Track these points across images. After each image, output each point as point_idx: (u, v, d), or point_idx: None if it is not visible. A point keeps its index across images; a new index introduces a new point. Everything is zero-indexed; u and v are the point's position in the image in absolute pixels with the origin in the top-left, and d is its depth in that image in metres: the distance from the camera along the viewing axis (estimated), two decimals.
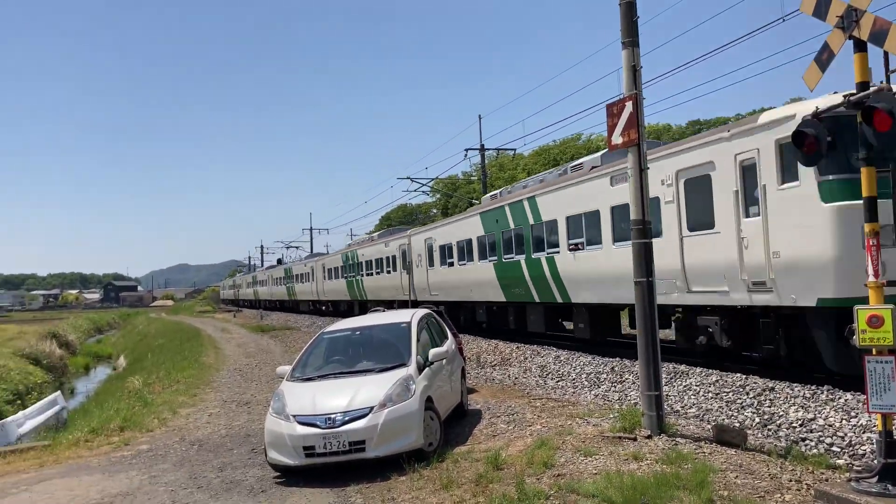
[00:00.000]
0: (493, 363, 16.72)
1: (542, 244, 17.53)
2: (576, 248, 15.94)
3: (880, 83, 6.30)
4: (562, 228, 16.51)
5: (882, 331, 6.04)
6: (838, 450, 8.13)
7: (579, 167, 16.91)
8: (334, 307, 43.25)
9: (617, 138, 8.87)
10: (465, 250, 22.37)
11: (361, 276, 34.52)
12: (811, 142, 6.71)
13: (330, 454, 7.87)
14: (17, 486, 8.67)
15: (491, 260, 20.45)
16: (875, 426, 6.52)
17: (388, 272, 30.27)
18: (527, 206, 18.20)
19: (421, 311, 10.98)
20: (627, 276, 13.48)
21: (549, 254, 17.13)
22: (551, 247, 17.04)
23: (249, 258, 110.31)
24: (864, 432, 8.23)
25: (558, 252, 16.69)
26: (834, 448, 8.19)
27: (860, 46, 6.37)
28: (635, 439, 8.22)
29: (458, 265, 23.00)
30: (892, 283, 6.89)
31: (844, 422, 8.62)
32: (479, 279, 21.28)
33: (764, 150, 10.56)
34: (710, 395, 10.72)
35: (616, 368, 13.31)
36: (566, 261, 16.36)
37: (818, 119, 6.78)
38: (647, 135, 10.67)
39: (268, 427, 8.35)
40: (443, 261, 24.27)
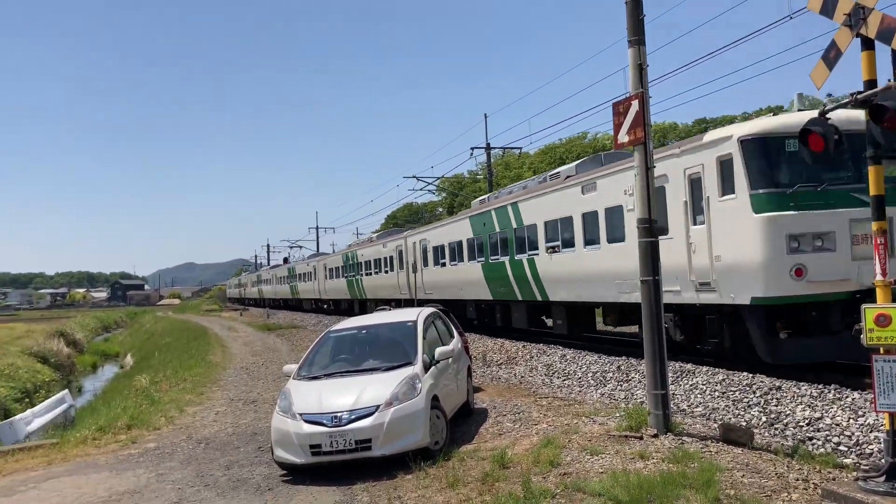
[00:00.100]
0: (499, 362, 16.72)
1: (523, 246, 18.52)
2: (553, 251, 17.00)
3: (888, 81, 6.27)
4: (541, 232, 17.57)
5: (890, 330, 6.02)
6: (846, 449, 8.12)
7: (557, 176, 18.07)
8: (335, 306, 43.99)
9: (623, 137, 8.85)
10: (456, 251, 23.32)
11: (361, 275, 35.38)
12: (817, 140, 6.69)
13: (336, 452, 7.90)
14: (26, 484, 8.72)
15: (479, 261, 21.42)
16: (883, 425, 6.50)
17: (386, 272, 31.20)
18: (510, 211, 19.22)
19: (427, 310, 10.96)
20: (597, 276, 15.01)
21: (529, 255, 18.15)
22: (532, 249, 18.04)
23: (256, 257, 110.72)
24: (871, 431, 8.21)
25: (538, 254, 17.73)
26: (841, 447, 8.17)
27: (868, 44, 6.35)
28: (641, 438, 8.21)
29: (450, 265, 23.93)
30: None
31: (852, 421, 8.60)
32: (468, 279, 22.20)
33: (707, 165, 11.65)
34: (717, 393, 10.70)
35: (622, 367, 13.30)
36: (545, 262, 17.41)
37: (824, 118, 6.76)
38: (653, 133, 10.68)
39: (274, 425, 8.37)
40: (436, 261, 25.17)
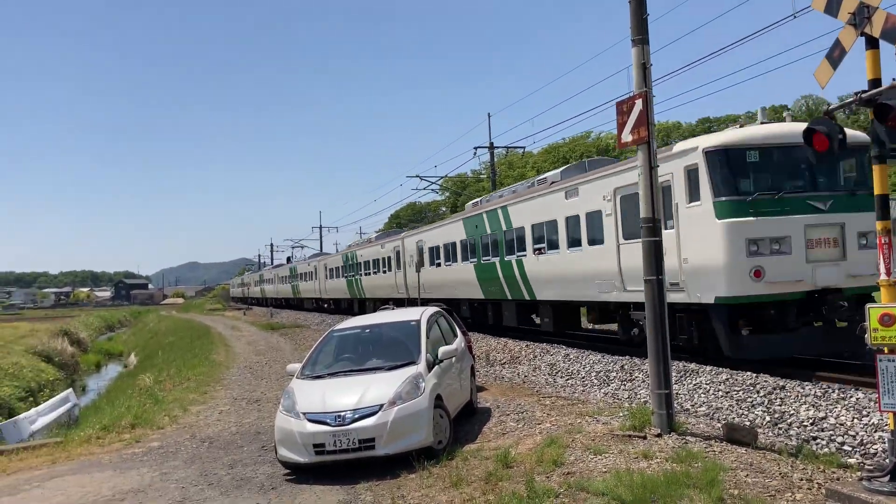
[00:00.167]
0: (503, 361, 16.71)
1: (512, 248, 19.32)
2: (539, 252, 17.83)
3: (893, 80, 6.26)
4: (528, 235, 18.37)
5: (894, 329, 6.00)
6: (850, 449, 8.11)
7: (544, 181, 18.90)
8: (335, 305, 44.68)
9: (627, 136, 8.83)
10: (451, 252, 24.08)
11: (360, 275, 36.11)
12: (822, 139, 6.67)
13: (340, 452, 7.90)
14: (30, 483, 8.74)
15: (472, 261, 22.22)
16: (887, 425, 6.48)
17: (385, 272, 31.91)
18: (500, 214, 20.08)
19: (431, 309, 10.95)
20: (579, 276, 15.94)
21: (518, 257, 18.96)
22: (520, 250, 18.85)
23: (259, 256, 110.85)
24: (875, 431, 8.20)
25: (526, 255, 18.54)
26: (845, 447, 8.16)
27: (872, 43, 6.33)
28: (645, 438, 8.20)
29: (445, 266, 24.62)
30: None
31: (856, 420, 8.58)
32: (462, 279, 22.98)
33: (676, 174, 12.43)
34: (721, 393, 10.68)
35: (626, 367, 13.28)
36: (532, 263, 18.23)
37: (830, 117, 6.75)
38: (657, 133, 10.70)
39: (278, 424, 8.38)
40: (432, 261, 25.84)
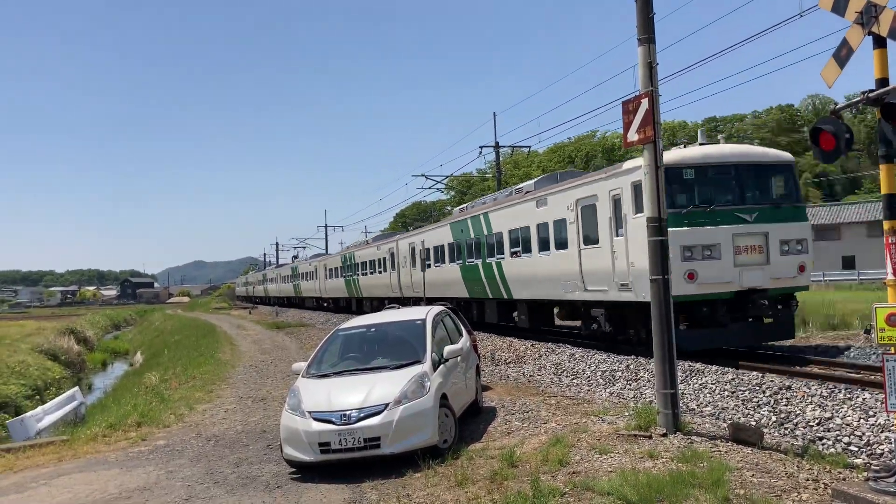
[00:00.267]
0: (508, 360, 16.72)
1: (493, 251, 20.92)
2: (515, 255, 19.38)
3: None
4: (506, 239, 19.96)
5: None
6: (856, 449, 8.09)
7: (520, 190, 20.47)
8: (335, 304, 45.97)
9: (633, 135, 8.81)
10: (440, 254, 25.57)
11: (358, 275, 37.48)
12: (828, 139, 6.65)
13: (345, 450, 7.91)
14: (37, 481, 8.77)
15: (458, 263, 23.78)
16: (893, 425, 6.47)
17: (380, 272, 33.26)
18: (482, 220, 21.68)
19: (436, 308, 10.96)
20: (548, 277, 17.46)
21: (497, 259, 20.54)
22: (499, 253, 20.42)
23: (265, 255, 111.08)
24: (882, 431, 8.17)
25: (504, 258, 20.10)
26: (851, 447, 8.14)
27: (879, 42, 6.31)
28: (650, 437, 8.19)
29: (435, 266, 26.09)
30: None
31: (862, 421, 8.56)
32: (450, 279, 24.46)
33: (625, 188, 14.06)
34: (726, 393, 10.67)
35: (631, 366, 13.27)
36: (509, 265, 19.79)
37: (837, 116, 6.73)
38: (663, 132, 10.68)
39: (283, 423, 8.39)
40: (423, 263, 27.10)
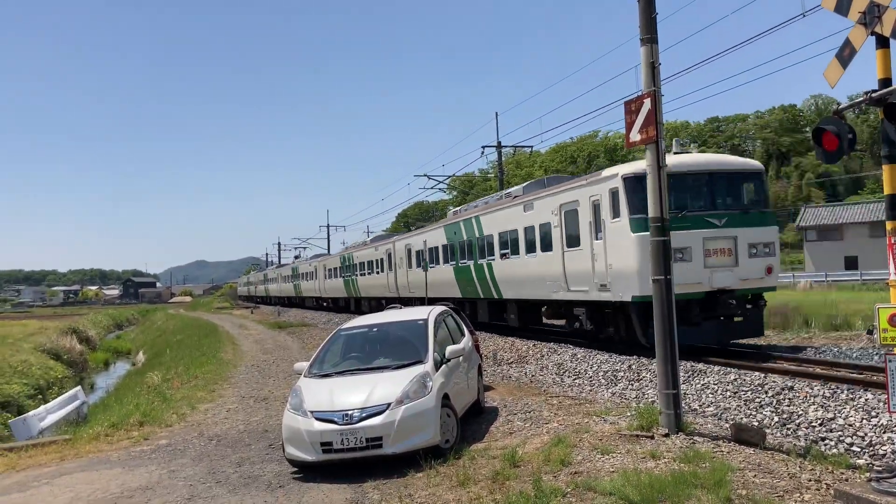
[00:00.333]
0: (510, 360, 16.72)
1: (484, 253, 21.69)
2: (505, 257, 20.17)
3: None
4: (496, 241, 20.74)
5: None
6: (858, 450, 8.08)
7: (509, 195, 21.27)
8: (334, 303, 46.85)
9: (635, 135, 8.81)
10: (434, 255, 26.29)
11: (356, 275, 38.39)
12: (831, 139, 6.64)
13: (347, 450, 7.91)
14: (39, 480, 8.78)
15: (451, 264, 24.49)
16: None
17: (378, 273, 34.25)
18: (474, 223, 22.47)
19: (438, 309, 10.96)
20: (535, 278, 18.22)
21: (488, 261, 21.31)
22: (490, 255, 21.20)
23: (267, 255, 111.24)
24: (884, 432, 8.17)
25: (494, 259, 20.89)
26: (854, 448, 8.13)
27: (882, 42, 6.31)
28: (653, 438, 8.19)
29: (430, 267, 26.62)
30: None
31: (865, 421, 8.55)
32: (443, 279, 25.15)
33: (603, 195, 14.84)
34: (729, 393, 10.66)
35: (633, 366, 13.27)
36: (499, 266, 20.59)
37: (840, 116, 6.72)
38: (666, 132, 10.67)
39: (285, 423, 8.39)
40: (418, 263, 27.94)
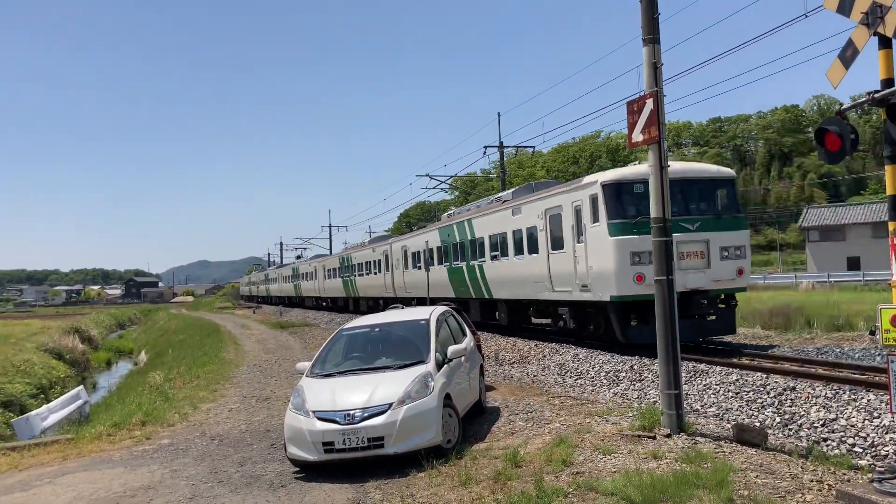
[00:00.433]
0: (512, 361, 16.71)
1: (475, 254, 22.46)
2: (495, 259, 20.95)
3: None
4: (487, 244, 21.52)
5: None
6: (860, 450, 8.06)
7: (500, 199, 22.09)
8: (333, 303, 47.53)
9: (637, 136, 8.81)
10: (429, 256, 26.71)
11: (354, 276, 39.12)
12: (833, 139, 6.64)
13: (349, 450, 7.92)
14: (41, 479, 8.80)
15: (445, 265, 25.28)
16: None
17: (375, 273, 35.07)
18: (466, 225, 23.29)
19: (440, 309, 10.97)
20: (522, 278, 19.04)
21: (479, 262, 22.10)
22: (481, 257, 21.99)
23: (269, 255, 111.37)
24: (886, 433, 8.15)
25: (485, 261, 21.67)
26: (856, 448, 8.11)
27: (885, 43, 6.30)
28: (654, 438, 8.19)
29: (424, 268, 27.31)
30: None
31: (867, 422, 8.54)
32: (438, 280, 25.58)
33: (584, 201, 15.65)
34: (730, 394, 10.65)
35: (635, 367, 13.26)
36: (490, 268, 21.38)
37: (842, 117, 6.71)
38: (668, 133, 10.66)
39: (287, 423, 8.40)
40: (414, 264, 28.91)
